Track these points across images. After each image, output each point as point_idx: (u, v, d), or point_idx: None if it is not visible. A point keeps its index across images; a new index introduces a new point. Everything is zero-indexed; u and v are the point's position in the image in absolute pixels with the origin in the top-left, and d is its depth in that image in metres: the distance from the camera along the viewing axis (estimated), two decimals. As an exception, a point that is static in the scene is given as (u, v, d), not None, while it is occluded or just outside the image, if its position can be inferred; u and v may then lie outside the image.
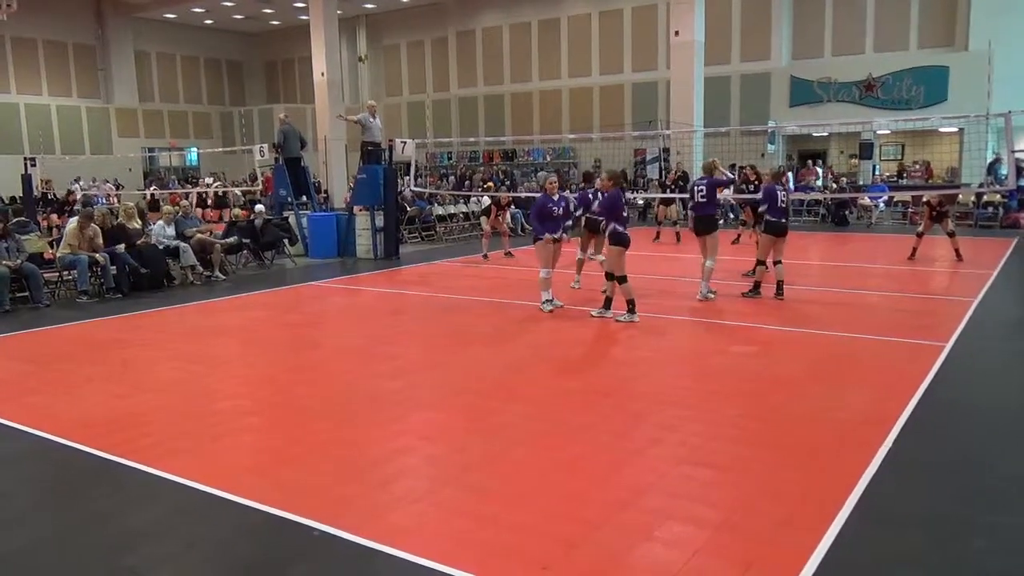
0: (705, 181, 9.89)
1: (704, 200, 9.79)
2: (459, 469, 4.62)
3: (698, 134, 20.77)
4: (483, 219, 15.37)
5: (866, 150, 22.88)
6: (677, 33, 20.93)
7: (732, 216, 19.15)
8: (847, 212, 19.68)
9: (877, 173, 23.23)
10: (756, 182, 13.82)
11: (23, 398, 6.28)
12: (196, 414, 5.79)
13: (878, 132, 23.27)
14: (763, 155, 22.63)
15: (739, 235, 15.44)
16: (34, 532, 4.02)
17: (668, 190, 17.66)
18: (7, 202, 20.19)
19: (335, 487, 4.36)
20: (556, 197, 9.38)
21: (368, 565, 3.57)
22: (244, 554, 3.73)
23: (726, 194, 13.16)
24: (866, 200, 19.95)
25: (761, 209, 10.13)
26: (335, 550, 3.66)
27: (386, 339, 8.40)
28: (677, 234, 16.36)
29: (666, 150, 22.33)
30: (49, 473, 4.87)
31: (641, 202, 21.48)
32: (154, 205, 20.57)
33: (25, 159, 21.23)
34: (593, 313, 8.86)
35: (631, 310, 8.55)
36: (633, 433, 5.15)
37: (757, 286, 9.88)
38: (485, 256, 14.40)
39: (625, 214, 8.78)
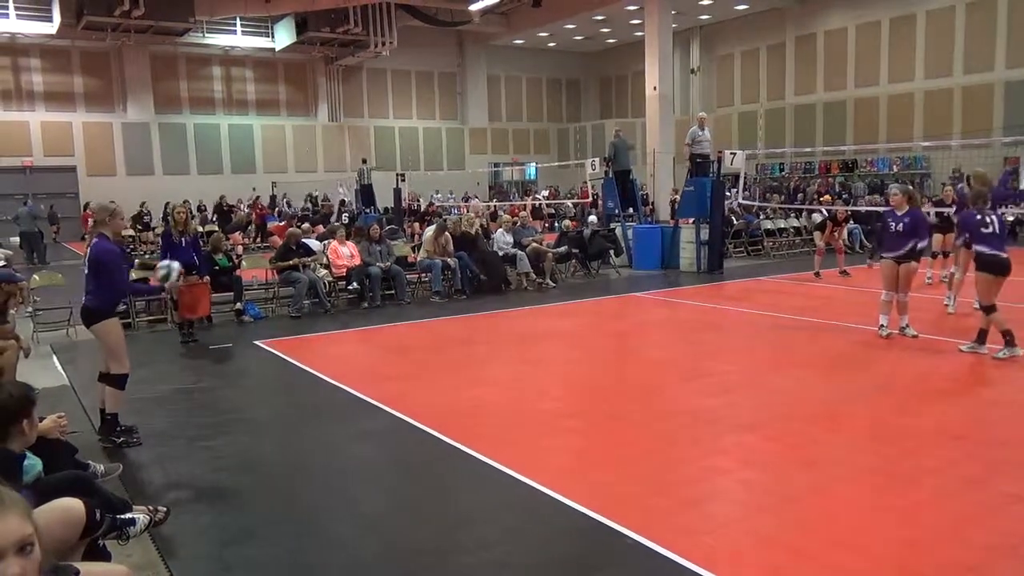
0: None
1: None
2: (776, 498, 4.41)
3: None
4: (817, 234, 14.46)
5: None
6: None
7: None
8: None
9: None
10: None
11: (386, 383, 7.30)
12: (524, 411, 6.25)
13: None
14: None
15: None
16: (391, 498, 4.67)
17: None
18: (382, 212, 23.56)
19: (648, 498, 4.42)
20: (900, 212, 8.47)
21: (677, 581, 3.57)
22: (558, 550, 3.95)
23: None
24: None
25: None
26: (644, 561, 3.72)
27: (706, 354, 8.30)
28: None
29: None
30: (403, 449, 5.61)
31: (1011, 218, 18.56)
32: (494, 216, 22.57)
33: (396, 175, 24.58)
34: (963, 348, 7.77)
35: (1009, 343, 7.35)
36: (989, 484, 4.48)
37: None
38: (817, 274, 13.52)
39: (989, 230, 7.61)
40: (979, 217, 7.64)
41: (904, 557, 3.66)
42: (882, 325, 8.49)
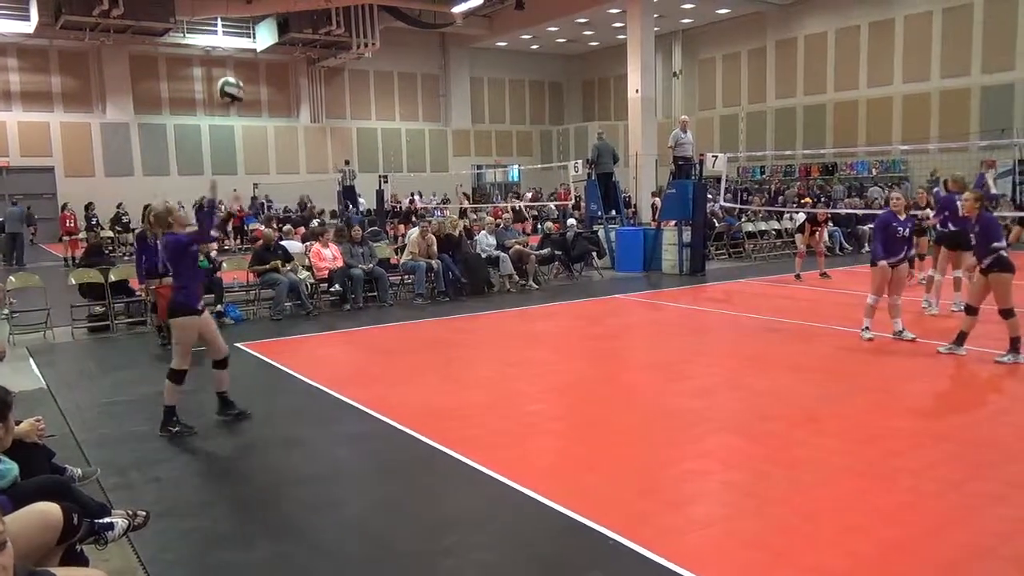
0: None
1: None
2: (759, 499, 4.43)
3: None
4: (798, 237, 14.57)
5: None
6: (1045, 26, 18.04)
7: None
8: None
9: None
10: None
11: (369, 385, 7.26)
12: (508, 413, 6.24)
13: None
14: None
15: None
16: (374, 501, 4.65)
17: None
18: (365, 214, 23.48)
19: (632, 500, 4.43)
20: (903, 217, 8.40)
21: (661, 583, 3.58)
22: (545, 552, 3.95)
23: None
24: None
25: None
26: (628, 563, 3.73)
27: (688, 357, 8.33)
28: None
29: (1022, 162, 19.32)
30: (387, 451, 5.57)
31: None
32: (462, 214, 22.65)
33: (379, 176, 24.50)
34: (940, 349, 7.81)
35: (1015, 348, 7.32)
36: (969, 486, 4.53)
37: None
38: (798, 276, 13.63)
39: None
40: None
41: (886, 558, 3.69)
42: (866, 327, 8.50)
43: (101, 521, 3.45)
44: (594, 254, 15.67)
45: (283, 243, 12.30)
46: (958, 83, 24.32)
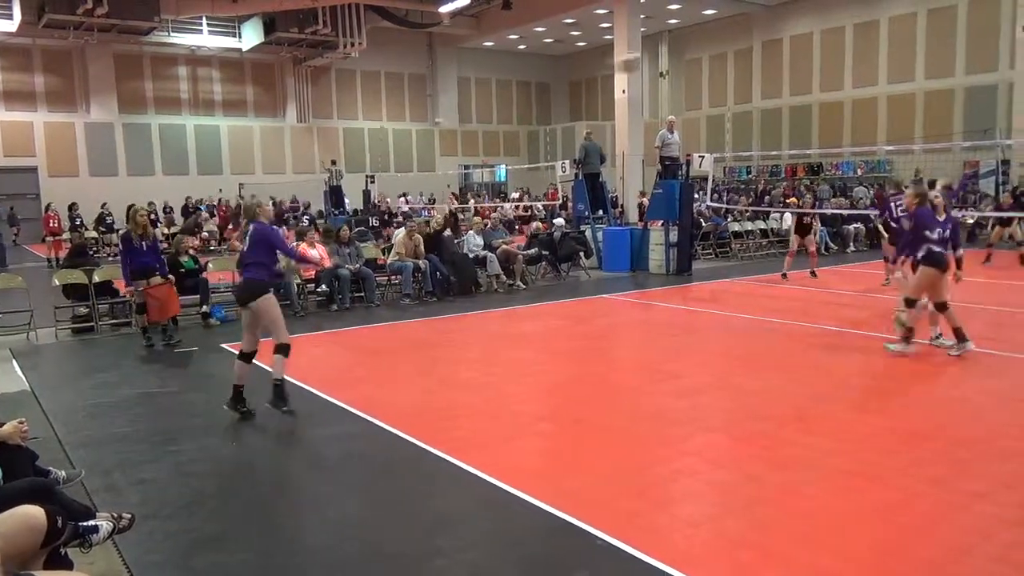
0: None
1: None
2: (747, 499, 4.45)
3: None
4: (794, 237, 14.28)
5: None
6: (1026, 28, 18.23)
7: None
8: None
9: None
10: None
11: (356, 386, 7.24)
12: (496, 413, 6.24)
13: None
14: None
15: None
16: (363, 501, 4.63)
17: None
18: (351, 214, 23.39)
19: (619, 500, 4.44)
20: (942, 217, 7.74)
21: (649, 582, 3.59)
22: (533, 552, 3.95)
23: None
24: None
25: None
26: (616, 562, 3.73)
27: (675, 356, 8.35)
28: (1021, 256, 14.38)
29: (1005, 162, 19.51)
30: (374, 452, 5.56)
31: (971, 221, 18.99)
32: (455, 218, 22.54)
33: (366, 176, 24.42)
34: (890, 348, 7.81)
35: (961, 338, 7.49)
36: (955, 484, 4.57)
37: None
38: (784, 276, 13.70)
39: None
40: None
41: (875, 557, 3.71)
42: (938, 336, 7.90)
43: (85, 524, 3.41)
44: (581, 254, 15.69)
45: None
46: (942, 84, 24.51)
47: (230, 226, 17.23)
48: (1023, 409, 6.23)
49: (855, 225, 18.84)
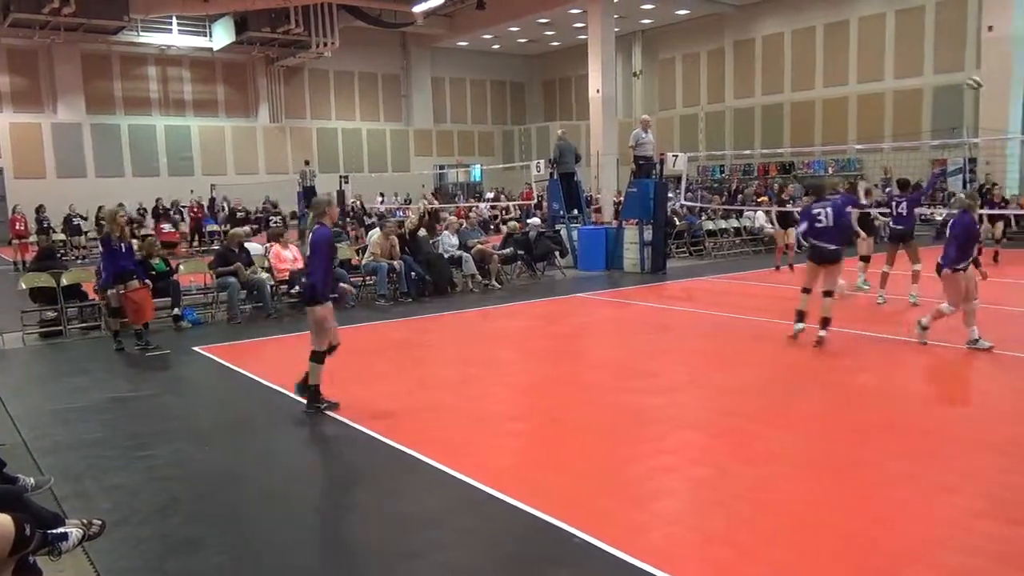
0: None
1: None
2: (722, 495, 4.48)
3: (1013, 142, 18.22)
4: (780, 233, 15.02)
5: None
6: (991, 28, 18.57)
7: None
8: None
9: None
10: None
11: (330, 387, 7.13)
12: (472, 413, 6.23)
13: None
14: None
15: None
16: (338, 503, 4.60)
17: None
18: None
19: (595, 498, 4.45)
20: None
21: (626, 580, 3.60)
22: (508, 551, 3.95)
23: None
24: None
25: None
26: (593, 560, 3.74)
27: (649, 354, 8.40)
28: (995, 253, 14.65)
29: (972, 160, 19.88)
30: (350, 453, 5.53)
31: (939, 218, 19.30)
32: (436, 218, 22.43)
33: (340, 177, 24.27)
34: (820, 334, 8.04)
35: (824, 326, 7.99)
36: (922, 476, 4.65)
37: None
38: (778, 267, 14.32)
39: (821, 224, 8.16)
40: (815, 212, 8.22)
41: (846, 550, 3.76)
42: (977, 339, 7.56)
43: (55, 531, 3.36)
44: (556, 253, 15.70)
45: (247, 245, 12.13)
46: (911, 83, 24.89)
47: (247, 228, 16.71)
48: (986, 401, 6.35)
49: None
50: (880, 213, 12.74)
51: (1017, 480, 4.53)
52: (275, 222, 23.31)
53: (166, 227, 21.95)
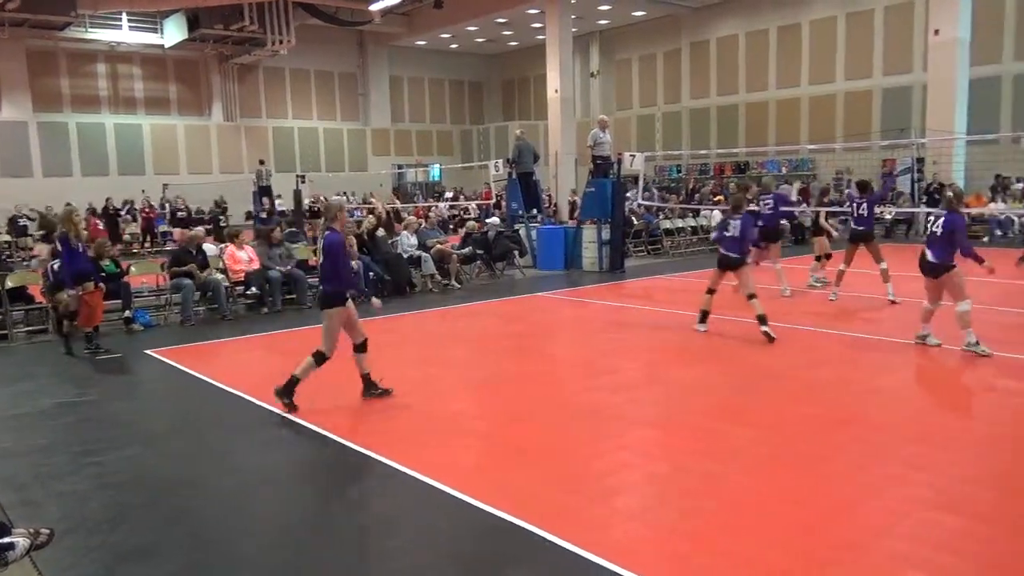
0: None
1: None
2: (680, 490, 4.54)
3: (959, 143, 18.75)
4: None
5: None
6: (937, 32, 19.08)
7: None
8: None
9: None
10: None
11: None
12: (432, 414, 6.20)
13: None
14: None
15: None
16: (297, 509, 4.54)
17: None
18: (280, 215, 22.90)
19: (555, 496, 4.47)
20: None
21: (585, 576, 3.62)
22: (471, 551, 3.94)
23: None
24: None
25: None
26: (553, 557, 3.75)
27: (609, 352, 8.45)
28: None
29: (920, 160, 20.42)
30: (308, 457, 5.46)
31: (889, 216, 19.79)
32: (396, 218, 22.24)
33: (297, 176, 23.98)
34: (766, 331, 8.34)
35: (764, 321, 8.34)
36: (872, 468, 4.76)
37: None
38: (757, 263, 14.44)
39: (729, 234, 8.82)
40: (728, 223, 8.85)
41: (798, 541, 3.84)
42: (975, 342, 7.50)
43: (1, 541, 3.26)
44: (516, 253, 15.73)
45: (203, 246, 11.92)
46: (861, 85, 25.46)
47: (200, 229, 16.25)
48: (930, 396, 6.53)
49: (782, 222, 19.35)
50: (831, 213, 13.02)
51: (964, 472, 4.67)
52: (223, 223, 22.93)
53: (100, 224, 21.60)
